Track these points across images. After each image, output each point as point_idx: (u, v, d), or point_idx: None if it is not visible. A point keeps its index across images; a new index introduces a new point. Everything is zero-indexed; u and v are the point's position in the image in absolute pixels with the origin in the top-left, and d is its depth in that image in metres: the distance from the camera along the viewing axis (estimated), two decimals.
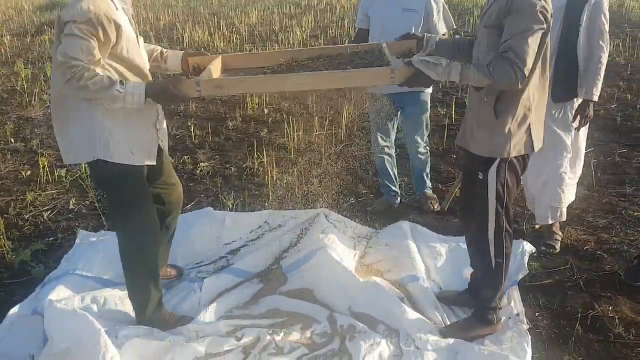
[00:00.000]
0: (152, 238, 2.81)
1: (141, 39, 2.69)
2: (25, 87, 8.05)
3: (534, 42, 2.33)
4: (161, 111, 2.83)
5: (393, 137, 4.28)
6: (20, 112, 7.31)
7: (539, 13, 2.34)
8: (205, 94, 2.52)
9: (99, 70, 2.36)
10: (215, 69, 2.82)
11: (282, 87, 2.65)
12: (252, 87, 2.73)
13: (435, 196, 4.39)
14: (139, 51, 2.62)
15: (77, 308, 2.71)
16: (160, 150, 2.82)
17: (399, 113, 4.15)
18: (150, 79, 2.68)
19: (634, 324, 2.95)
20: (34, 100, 7.72)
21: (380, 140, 4.21)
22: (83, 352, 2.27)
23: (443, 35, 3.80)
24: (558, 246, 3.69)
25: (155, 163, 2.76)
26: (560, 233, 3.79)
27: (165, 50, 2.95)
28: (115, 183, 2.63)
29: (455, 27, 4.13)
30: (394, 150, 4.34)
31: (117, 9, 2.47)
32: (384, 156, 4.26)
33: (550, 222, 3.74)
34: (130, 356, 2.56)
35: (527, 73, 2.34)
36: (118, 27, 2.43)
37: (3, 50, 12.19)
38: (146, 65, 2.68)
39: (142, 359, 2.57)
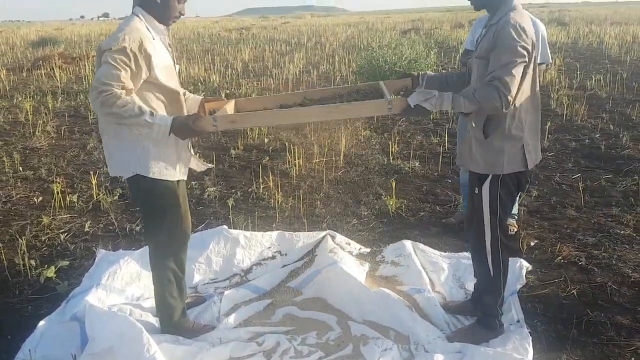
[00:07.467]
0: (180, 248, 3.02)
1: (177, 67, 2.93)
2: (30, 119, 8.24)
3: (517, 72, 2.59)
4: None
5: None
6: (24, 143, 7.50)
7: (519, 48, 2.61)
8: (222, 128, 2.80)
9: (133, 96, 2.57)
10: (230, 109, 3.09)
11: (293, 119, 2.91)
12: (264, 120, 2.98)
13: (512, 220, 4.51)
14: (175, 78, 2.86)
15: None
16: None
17: None
18: (183, 104, 2.92)
19: (625, 327, 3.18)
20: (38, 132, 7.92)
21: None
22: (125, 349, 2.43)
23: (540, 64, 4.05)
24: None
25: (185, 177, 2.99)
26: None
27: (186, 92, 3.14)
28: (150, 196, 2.85)
29: (550, 61, 4.29)
30: None
31: (153, 38, 2.72)
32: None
33: None
34: None
35: (510, 100, 2.58)
36: (148, 58, 2.65)
37: (0, 84, 12.41)
38: (180, 90, 2.92)
39: None
